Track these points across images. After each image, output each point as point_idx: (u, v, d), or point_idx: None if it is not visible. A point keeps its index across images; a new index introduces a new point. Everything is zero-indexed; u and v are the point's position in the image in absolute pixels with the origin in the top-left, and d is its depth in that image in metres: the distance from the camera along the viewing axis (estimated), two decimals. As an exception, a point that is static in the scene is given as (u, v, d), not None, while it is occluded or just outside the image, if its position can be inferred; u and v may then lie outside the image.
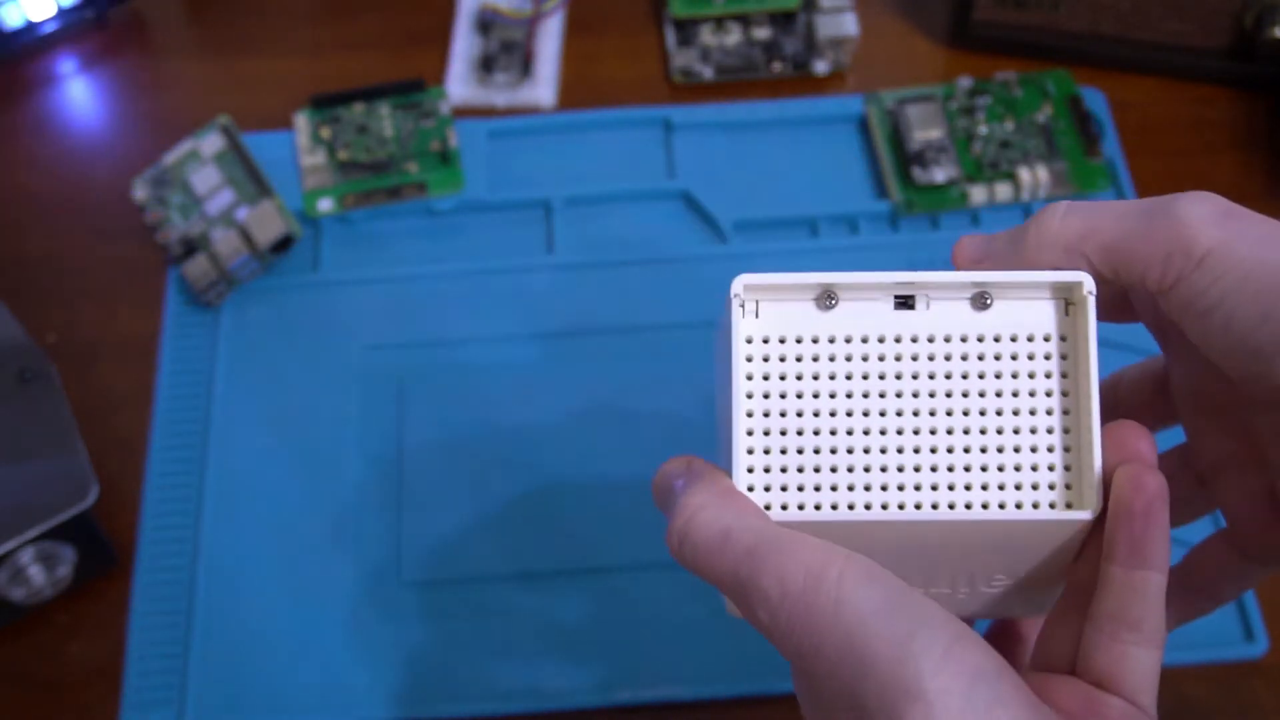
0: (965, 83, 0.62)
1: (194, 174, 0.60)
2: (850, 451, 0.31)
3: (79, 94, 0.66)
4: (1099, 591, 0.30)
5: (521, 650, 0.50)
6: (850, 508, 0.31)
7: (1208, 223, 0.28)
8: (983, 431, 0.30)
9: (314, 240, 0.60)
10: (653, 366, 0.56)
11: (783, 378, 0.31)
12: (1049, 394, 0.31)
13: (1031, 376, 0.31)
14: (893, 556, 0.30)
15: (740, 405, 0.31)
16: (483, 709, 0.50)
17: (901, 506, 0.31)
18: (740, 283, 0.30)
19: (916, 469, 0.31)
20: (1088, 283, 0.30)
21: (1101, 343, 0.31)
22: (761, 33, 0.66)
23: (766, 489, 0.31)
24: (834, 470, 0.31)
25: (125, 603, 0.52)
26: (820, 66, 0.65)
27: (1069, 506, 0.30)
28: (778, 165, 0.62)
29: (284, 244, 0.58)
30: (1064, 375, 0.31)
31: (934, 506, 0.30)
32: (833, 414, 0.31)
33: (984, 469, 0.31)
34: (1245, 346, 0.28)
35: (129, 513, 0.54)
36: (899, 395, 0.31)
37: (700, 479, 0.30)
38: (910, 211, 0.60)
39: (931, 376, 0.31)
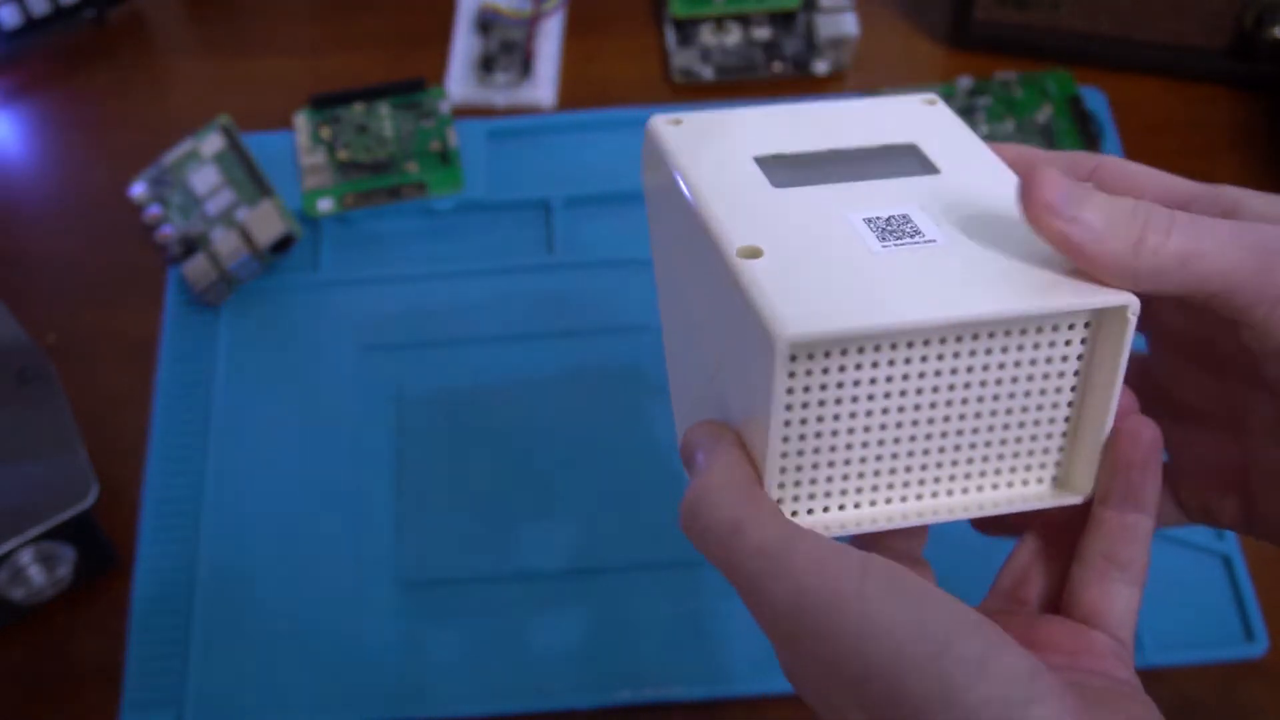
0: (965, 83, 0.62)
1: (194, 174, 0.60)
2: (879, 459, 0.30)
3: (79, 94, 0.66)
4: (1090, 532, 0.31)
5: (521, 650, 0.50)
6: (872, 519, 0.31)
7: None
8: (994, 428, 0.31)
9: (314, 240, 0.60)
10: (653, 367, 0.56)
11: (822, 394, 0.29)
12: (1071, 389, 0.31)
13: (1049, 376, 0.30)
14: None
15: (777, 428, 0.29)
16: (483, 709, 0.50)
17: (919, 507, 0.31)
18: (783, 340, 0.27)
19: (939, 465, 0.31)
20: (1133, 305, 0.29)
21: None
22: (761, 33, 0.66)
23: (795, 498, 0.30)
24: (861, 479, 0.31)
25: (125, 603, 0.52)
26: (820, 66, 0.65)
27: (1059, 488, 0.32)
28: (778, 165, 0.62)
29: (284, 244, 0.58)
30: (1083, 367, 0.31)
31: (949, 497, 0.31)
32: (867, 428, 0.30)
33: (994, 460, 0.31)
34: None
35: (129, 513, 0.54)
36: (933, 405, 0.30)
37: (720, 457, 0.30)
38: (910, 211, 0.60)
39: (967, 386, 0.30)
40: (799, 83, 0.65)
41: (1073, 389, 0.31)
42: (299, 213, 0.60)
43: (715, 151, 0.34)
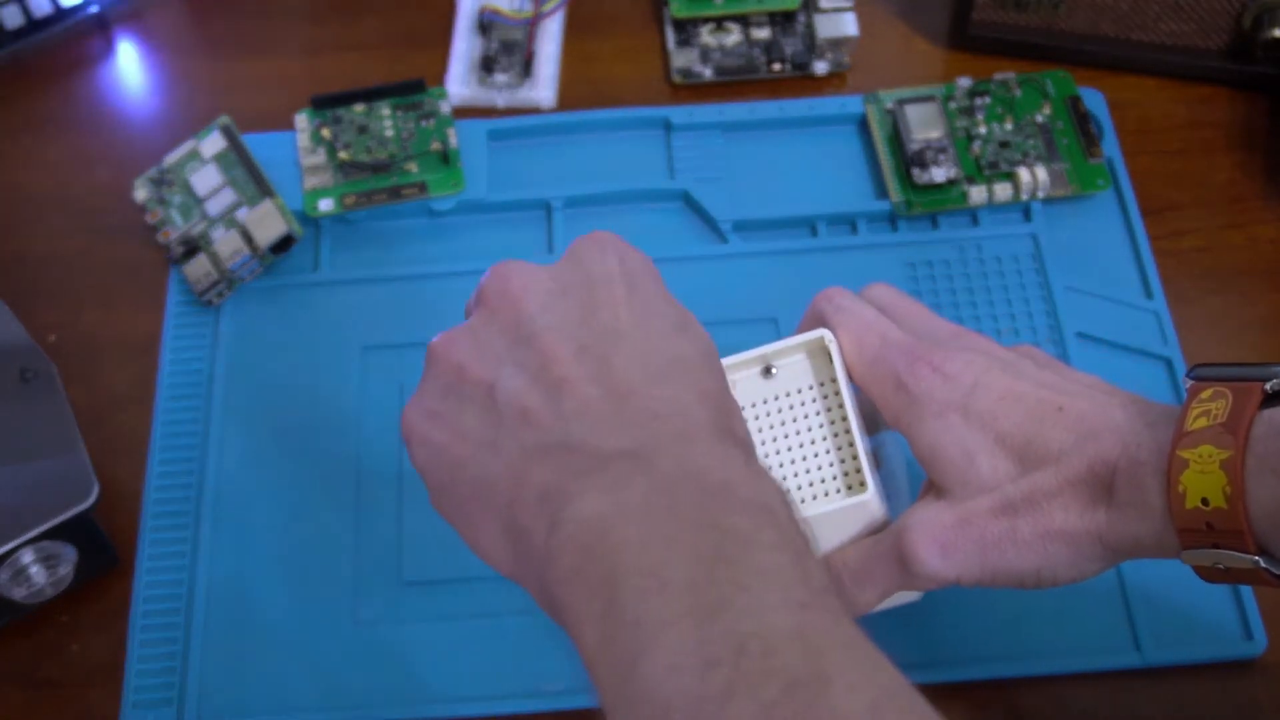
0: (965, 83, 0.62)
1: (195, 174, 0.60)
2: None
3: (80, 94, 0.66)
4: None
5: (521, 650, 0.51)
6: None
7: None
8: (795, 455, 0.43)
9: (314, 240, 0.60)
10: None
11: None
12: (826, 422, 0.43)
13: (815, 406, 0.43)
14: None
15: None
16: (483, 709, 0.50)
17: None
18: None
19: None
20: (827, 335, 0.43)
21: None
22: (761, 33, 0.66)
23: None
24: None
25: (126, 602, 0.52)
26: (820, 67, 0.65)
27: (853, 491, 0.42)
28: (777, 165, 0.62)
29: (284, 244, 0.58)
30: (831, 407, 0.43)
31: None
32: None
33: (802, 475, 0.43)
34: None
35: (129, 513, 0.54)
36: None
37: None
38: (909, 212, 0.60)
39: (771, 426, 0.43)
40: (799, 83, 0.65)
41: (823, 412, 0.43)
42: (299, 213, 0.60)
43: None
